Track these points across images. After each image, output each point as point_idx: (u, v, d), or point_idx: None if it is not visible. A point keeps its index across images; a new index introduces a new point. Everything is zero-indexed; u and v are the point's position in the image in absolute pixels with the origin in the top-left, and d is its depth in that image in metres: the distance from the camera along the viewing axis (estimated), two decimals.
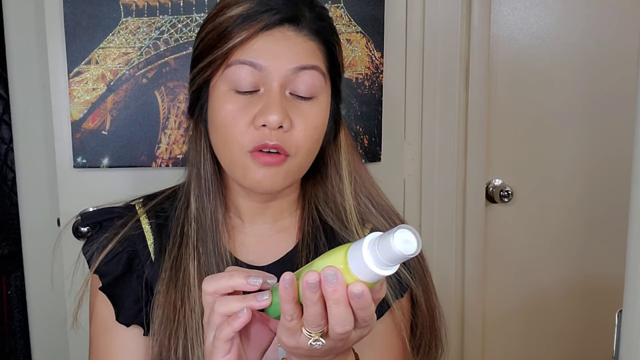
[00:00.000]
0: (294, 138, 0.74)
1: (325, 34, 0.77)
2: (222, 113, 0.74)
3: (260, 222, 0.83)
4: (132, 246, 0.81)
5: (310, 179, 0.85)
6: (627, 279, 0.61)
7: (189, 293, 0.76)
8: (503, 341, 1.58)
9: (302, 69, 0.73)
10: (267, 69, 0.73)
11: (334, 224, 0.82)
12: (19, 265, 1.37)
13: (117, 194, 0.99)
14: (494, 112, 1.49)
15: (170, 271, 0.78)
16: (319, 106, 0.76)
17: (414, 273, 0.83)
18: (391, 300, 0.81)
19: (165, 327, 0.75)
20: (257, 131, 0.72)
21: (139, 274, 0.80)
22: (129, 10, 1.23)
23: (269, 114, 0.71)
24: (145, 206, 0.85)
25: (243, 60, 0.73)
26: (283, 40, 0.73)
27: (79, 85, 1.23)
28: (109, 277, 0.80)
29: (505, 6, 1.47)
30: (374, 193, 0.86)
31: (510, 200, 1.51)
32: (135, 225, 0.82)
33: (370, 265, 0.52)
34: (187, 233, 0.79)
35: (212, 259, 0.78)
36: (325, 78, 0.77)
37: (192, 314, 0.75)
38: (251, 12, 0.73)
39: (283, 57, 0.73)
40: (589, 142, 1.54)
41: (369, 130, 1.34)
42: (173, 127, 1.26)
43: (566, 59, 1.50)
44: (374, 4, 1.30)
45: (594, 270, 1.58)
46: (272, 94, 0.72)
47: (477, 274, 1.50)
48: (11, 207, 1.37)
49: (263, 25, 0.73)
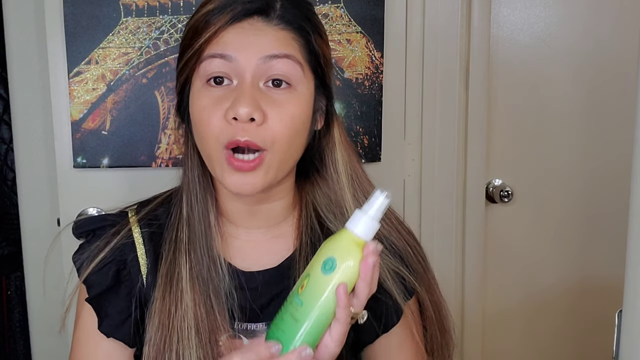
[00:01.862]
0: (270, 130, 0.71)
1: (299, 22, 0.75)
2: (197, 109, 0.74)
3: (254, 228, 0.82)
4: (121, 256, 0.80)
5: (307, 182, 0.84)
6: (627, 279, 0.61)
7: (181, 298, 0.75)
8: (503, 341, 1.58)
9: (273, 57, 0.72)
10: (238, 60, 0.72)
11: (336, 228, 0.81)
12: (19, 265, 1.37)
13: (117, 194, 0.99)
14: (494, 112, 1.49)
15: (165, 277, 0.77)
16: (297, 97, 0.74)
17: (416, 275, 0.83)
18: (402, 305, 0.81)
19: (161, 333, 0.74)
20: (229, 125, 0.71)
21: (127, 285, 0.79)
22: (129, 10, 1.23)
23: (239, 106, 0.69)
24: (138, 214, 0.83)
25: (213, 54, 0.72)
26: (252, 31, 0.73)
27: (79, 85, 1.23)
28: (97, 289, 0.78)
29: (505, 6, 1.47)
30: (370, 191, 0.84)
31: (510, 200, 1.51)
32: (127, 235, 0.81)
33: (367, 220, 0.66)
34: (180, 237, 0.78)
35: (204, 264, 0.77)
36: (303, 68, 0.74)
37: (184, 319, 0.74)
38: (220, 5, 0.73)
39: (253, 47, 0.72)
40: (588, 142, 1.54)
41: (369, 130, 1.34)
42: (173, 127, 1.26)
43: (566, 59, 1.50)
44: (374, 4, 1.30)
45: (594, 270, 1.58)
46: (243, 86, 0.71)
47: (477, 273, 1.50)
48: (11, 207, 1.37)
49: (230, 18, 0.72)
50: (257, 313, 0.78)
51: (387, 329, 0.81)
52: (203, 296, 0.75)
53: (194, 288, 0.75)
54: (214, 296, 0.75)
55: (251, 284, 0.79)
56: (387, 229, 0.83)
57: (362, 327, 0.65)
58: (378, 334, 0.81)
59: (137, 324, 0.78)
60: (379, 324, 0.80)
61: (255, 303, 0.78)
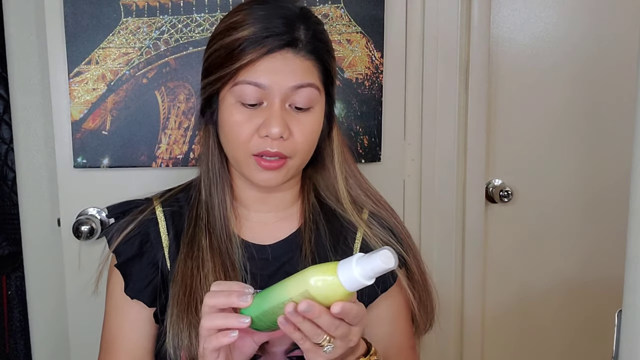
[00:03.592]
0: (293, 144, 0.86)
1: (320, 52, 0.88)
2: (230, 122, 0.86)
3: (264, 211, 0.95)
4: (145, 229, 0.93)
5: (309, 169, 0.97)
6: (627, 279, 0.61)
7: (203, 264, 0.88)
8: (502, 341, 1.58)
9: (299, 87, 0.85)
10: (270, 87, 0.84)
11: (335, 206, 0.96)
12: (19, 265, 1.37)
13: (117, 194, 0.99)
14: (494, 112, 1.49)
15: (187, 246, 0.90)
16: (314, 115, 0.88)
17: (405, 248, 0.96)
18: (396, 271, 0.92)
19: (184, 291, 0.87)
20: (260, 139, 0.85)
21: (149, 255, 0.92)
22: (129, 11, 1.23)
23: (271, 127, 0.83)
24: (161, 197, 0.98)
25: (249, 81, 0.84)
26: (283, 61, 0.85)
27: (79, 85, 1.23)
28: (123, 257, 0.92)
29: (505, 7, 1.47)
30: (360, 178, 1.00)
31: (510, 200, 1.51)
32: (151, 212, 0.95)
33: (357, 276, 0.66)
34: (200, 215, 0.92)
35: (222, 239, 0.91)
36: (320, 91, 0.88)
37: (206, 280, 0.87)
38: (256, 36, 0.84)
39: (283, 77, 0.84)
40: (588, 142, 1.54)
41: (368, 130, 1.34)
42: (173, 127, 1.26)
43: (566, 59, 1.50)
44: (374, 4, 1.30)
45: (594, 270, 1.58)
46: (273, 109, 0.84)
47: (477, 273, 1.50)
48: (11, 207, 1.37)
49: (267, 50, 0.84)
50: (267, 280, 0.89)
51: (385, 289, 0.93)
52: (222, 265, 0.89)
53: (213, 258, 0.89)
54: (230, 265, 0.89)
55: (261, 254, 0.92)
56: (377, 209, 0.98)
57: (364, 289, 0.71)
58: (378, 293, 0.92)
59: (158, 289, 0.91)
60: (377, 285, 0.89)
61: (265, 271, 0.91)
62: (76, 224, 1.24)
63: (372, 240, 0.93)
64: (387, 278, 0.92)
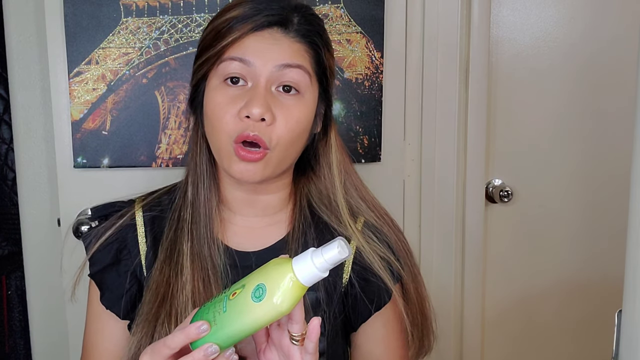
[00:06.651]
0: (276, 130, 0.80)
1: (312, 37, 0.83)
2: (212, 104, 0.82)
3: (250, 215, 0.89)
4: (123, 236, 0.89)
5: (302, 177, 0.92)
6: (627, 279, 0.61)
7: (181, 272, 0.83)
8: (502, 341, 1.58)
9: (287, 67, 0.80)
10: (255, 65, 0.80)
11: (328, 219, 0.90)
12: (19, 265, 1.37)
13: (117, 194, 0.99)
14: (494, 112, 1.49)
15: (166, 251, 0.85)
16: (303, 102, 0.82)
17: (402, 264, 0.91)
18: (392, 287, 0.88)
19: (155, 299, 0.82)
20: (241, 122, 0.79)
21: (126, 263, 0.88)
22: (129, 11, 1.23)
23: (252, 107, 0.78)
24: (143, 200, 0.93)
25: (233, 57, 0.80)
26: (271, 41, 0.81)
27: (79, 85, 1.23)
28: (99, 266, 0.88)
29: (505, 7, 1.47)
30: (362, 189, 0.94)
31: (510, 200, 1.51)
32: (130, 217, 0.90)
33: (313, 269, 0.64)
34: (183, 217, 0.87)
35: (204, 243, 0.85)
36: (311, 78, 0.83)
37: (183, 290, 0.82)
38: (244, 14, 0.81)
39: (270, 55, 0.80)
40: (588, 142, 1.54)
41: (368, 130, 1.34)
42: (173, 127, 1.26)
43: (566, 59, 1.50)
44: (374, 4, 1.30)
45: (594, 270, 1.58)
46: (257, 89, 0.79)
47: (477, 273, 1.50)
48: (11, 207, 1.37)
49: (253, 26, 0.80)
50: None
51: (379, 308, 0.88)
52: (201, 272, 0.83)
53: (193, 264, 0.83)
54: (212, 272, 0.84)
55: (245, 261, 0.87)
56: (380, 223, 0.92)
57: (356, 307, 0.67)
58: (371, 312, 0.88)
59: (134, 299, 0.87)
60: (371, 303, 0.87)
61: None
62: (76, 224, 1.24)
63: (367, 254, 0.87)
64: (381, 296, 0.88)
